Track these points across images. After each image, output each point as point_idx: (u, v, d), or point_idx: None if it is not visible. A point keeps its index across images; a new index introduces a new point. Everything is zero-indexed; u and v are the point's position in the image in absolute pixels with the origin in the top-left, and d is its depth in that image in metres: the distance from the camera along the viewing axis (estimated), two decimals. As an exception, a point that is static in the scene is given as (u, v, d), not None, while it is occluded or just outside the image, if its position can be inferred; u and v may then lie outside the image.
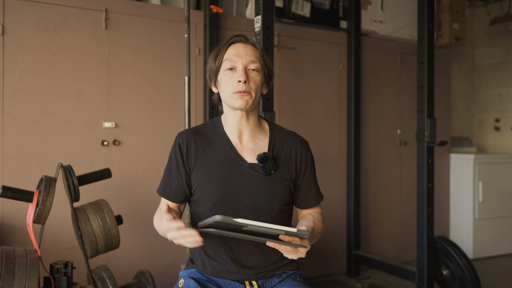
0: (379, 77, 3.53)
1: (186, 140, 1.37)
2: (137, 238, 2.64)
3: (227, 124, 1.39)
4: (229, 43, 1.37)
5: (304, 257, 1.15)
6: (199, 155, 1.35)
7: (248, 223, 1.01)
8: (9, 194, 1.77)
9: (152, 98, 2.70)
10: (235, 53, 1.34)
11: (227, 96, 1.33)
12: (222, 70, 1.35)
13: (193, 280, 1.31)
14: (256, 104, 1.36)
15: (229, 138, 1.38)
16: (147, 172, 2.67)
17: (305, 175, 1.40)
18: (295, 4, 3.10)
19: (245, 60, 1.33)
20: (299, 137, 1.44)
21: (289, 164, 1.38)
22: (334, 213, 3.31)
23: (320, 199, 1.45)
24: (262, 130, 1.42)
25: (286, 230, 1.05)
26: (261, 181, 1.33)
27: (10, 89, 2.36)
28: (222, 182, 1.32)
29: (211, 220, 1.01)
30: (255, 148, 1.37)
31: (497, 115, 4.39)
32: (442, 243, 2.81)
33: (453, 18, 3.68)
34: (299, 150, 1.40)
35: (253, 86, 1.32)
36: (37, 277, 1.59)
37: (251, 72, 1.33)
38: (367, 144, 3.45)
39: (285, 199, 1.36)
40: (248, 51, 1.34)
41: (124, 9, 2.62)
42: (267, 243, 1.09)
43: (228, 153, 1.35)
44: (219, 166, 1.33)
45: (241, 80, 1.30)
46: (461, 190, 3.85)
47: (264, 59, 1.38)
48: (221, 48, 1.38)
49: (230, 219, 1.00)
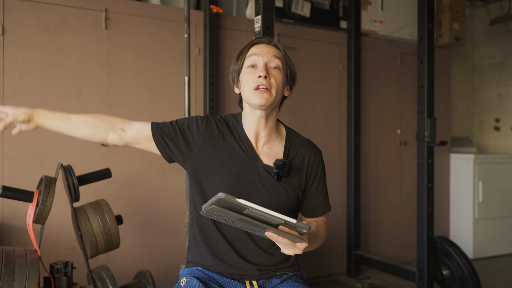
0: (379, 77, 3.53)
1: (216, 123, 1.38)
2: (137, 238, 2.64)
3: (246, 123, 1.39)
4: (252, 43, 1.37)
5: (301, 253, 1.14)
6: (218, 144, 1.35)
7: (250, 205, 1.01)
8: (9, 194, 1.77)
9: (152, 98, 2.70)
10: (257, 51, 1.34)
11: (248, 93, 1.32)
12: (244, 68, 1.35)
13: (196, 279, 1.31)
14: (276, 104, 1.35)
15: (247, 135, 1.38)
16: (147, 172, 2.67)
17: (313, 183, 1.40)
18: (295, 4, 3.10)
19: (266, 58, 1.33)
20: (314, 146, 1.44)
21: (300, 171, 1.38)
22: (334, 213, 3.31)
23: (326, 210, 1.44)
24: (278, 134, 1.42)
25: (286, 219, 1.06)
26: (271, 185, 1.33)
27: (10, 89, 2.36)
28: (235, 176, 1.32)
29: (214, 198, 1.01)
30: (270, 151, 1.38)
31: (497, 115, 4.39)
32: (442, 243, 2.81)
33: (453, 18, 3.68)
34: (311, 158, 1.40)
35: (274, 83, 1.31)
36: (37, 277, 1.59)
37: (272, 69, 1.33)
38: (367, 144, 3.45)
39: (291, 205, 1.37)
40: (271, 50, 1.35)
41: (124, 9, 2.62)
42: (266, 233, 1.09)
43: (246, 150, 1.36)
44: (235, 160, 1.34)
45: (261, 75, 1.29)
46: (461, 190, 3.85)
47: (287, 60, 1.38)
48: (243, 48, 1.38)
49: (232, 198, 1.00)
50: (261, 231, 1.12)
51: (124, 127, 1.37)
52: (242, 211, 1.04)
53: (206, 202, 1.32)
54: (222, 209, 1.03)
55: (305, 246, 1.13)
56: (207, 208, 1.06)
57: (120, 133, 1.37)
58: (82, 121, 1.35)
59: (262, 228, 1.09)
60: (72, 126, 1.34)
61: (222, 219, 1.11)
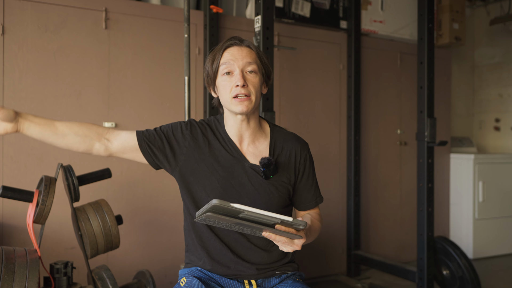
0: (379, 77, 3.53)
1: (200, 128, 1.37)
2: (137, 238, 2.64)
3: (228, 126, 1.38)
4: (224, 47, 1.35)
5: (299, 249, 1.14)
6: (203, 148, 1.35)
7: (245, 209, 1.01)
8: (9, 194, 1.77)
9: (152, 98, 2.70)
10: (231, 57, 1.32)
11: (226, 101, 1.32)
12: (219, 75, 1.34)
13: (196, 279, 1.31)
14: (256, 106, 1.35)
15: (231, 137, 1.38)
16: (147, 172, 2.67)
17: (303, 177, 1.40)
18: (295, 4, 3.10)
19: (241, 63, 1.31)
20: (299, 139, 1.44)
21: (288, 167, 1.38)
22: (334, 213, 3.31)
23: (319, 201, 1.45)
24: (262, 132, 1.42)
25: (282, 218, 1.06)
26: (261, 183, 1.33)
27: (10, 89, 2.36)
28: (224, 178, 1.32)
29: (208, 205, 1.01)
30: (255, 152, 1.37)
31: (497, 115, 4.39)
32: (442, 243, 2.81)
33: (453, 18, 3.68)
34: (298, 152, 1.40)
35: (252, 89, 1.31)
36: (37, 277, 1.59)
37: (248, 74, 1.32)
38: (367, 144, 3.45)
39: (282, 202, 1.37)
40: (244, 53, 1.33)
41: (124, 9, 2.62)
42: (263, 233, 1.09)
43: (231, 152, 1.36)
44: (222, 163, 1.34)
45: (239, 85, 1.29)
46: (461, 190, 3.85)
47: (261, 59, 1.37)
48: (216, 53, 1.36)
49: (227, 204, 1.00)
50: (258, 232, 1.12)
51: (110, 137, 1.33)
52: (237, 215, 1.03)
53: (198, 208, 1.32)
54: (217, 215, 1.03)
55: (303, 242, 1.14)
56: (202, 216, 1.05)
57: (105, 143, 1.32)
58: (68, 128, 1.28)
59: (259, 229, 1.09)
60: (57, 133, 1.26)
61: (218, 224, 1.11)
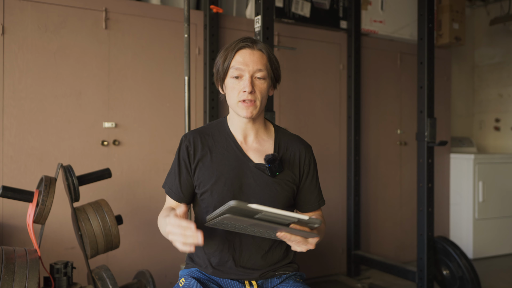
0: (379, 77, 3.53)
1: (193, 140, 1.37)
2: (137, 238, 2.64)
3: (233, 125, 1.39)
4: (236, 48, 1.34)
5: (313, 248, 1.15)
6: (206, 155, 1.35)
7: (262, 209, 1.00)
8: (9, 194, 1.77)
9: (152, 98, 2.70)
10: (242, 61, 1.32)
11: (233, 103, 1.34)
12: (228, 77, 1.34)
13: (194, 279, 1.31)
14: (261, 110, 1.36)
15: (235, 137, 1.38)
16: (147, 172, 2.67)
17: (307, 178, 1.41)
18: (295, 4, 3.10)
19: (252, 69, 1.31)
20: (303, 141, 1.45)
21: (293, 166, 1.39)
22: (334, 213, 3.31)
23: (321, 203, 1.46)
24: (267, 131, 1.43)
25: (299, 217, 1.05)
26: (266, 182, 1.34)
27: (10, 89, 2.36)
28: (230, 181, 1.32)
29: (225, 207, 0.99)
30: (260, 149, 1.38)
31: (497, 115, 4.39)
32: (442, 243, 2.81)
33: (453, 18, 3.68)
34: (302, 153, 1.41)
35: (259, 95, 1.32)
36: (37, 277, 1.59)
37: (257, 80, 1.32)
38: (367, 144, 3.45)
39: (288, 200, 1.37)
40: (255, 58, 1.32)
41: (124, 9, 2.62)
42: (278, 233, 1.09)
43: (234, 153, 1.36)
44: (226, 166, 1.34)
45: (247, 91, 1.30)
46: (461, 190, 3.85)
47: (272, 64, 1.37)
48: (228, 53, 1.35)
49: (244, 205, 0.98)
50: (272, 233, 1.11)
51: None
52: (254, 215, 1.02)
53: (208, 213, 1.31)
54: (234, 217, 1.02)
55: (317, 240, 1.15)
56: (216, 219, 1.04)
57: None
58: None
59: (274, 230, 1.08)
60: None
61: (230, 227, 1.10)
